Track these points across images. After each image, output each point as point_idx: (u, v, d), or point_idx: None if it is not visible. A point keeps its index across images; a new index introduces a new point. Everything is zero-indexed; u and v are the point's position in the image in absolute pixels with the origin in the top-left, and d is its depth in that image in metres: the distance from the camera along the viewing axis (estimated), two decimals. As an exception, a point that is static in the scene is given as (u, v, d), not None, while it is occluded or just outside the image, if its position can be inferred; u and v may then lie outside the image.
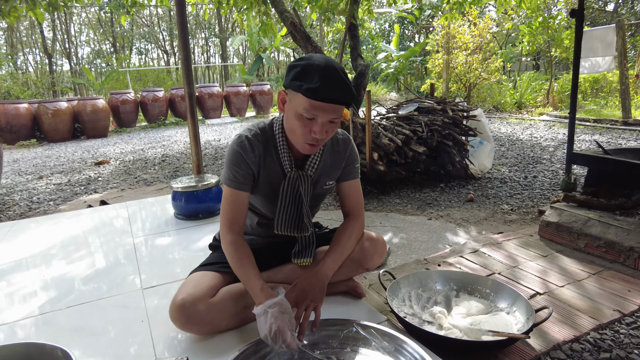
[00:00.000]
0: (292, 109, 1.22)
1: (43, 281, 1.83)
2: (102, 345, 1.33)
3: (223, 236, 1.33)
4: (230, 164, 1.32)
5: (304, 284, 1.28)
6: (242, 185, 1.33)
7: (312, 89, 1.13)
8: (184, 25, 2.67)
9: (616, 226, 1.95)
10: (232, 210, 1.33)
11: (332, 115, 1.19)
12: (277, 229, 1.40)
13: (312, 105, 1.16)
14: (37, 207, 3.82)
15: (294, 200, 1.39)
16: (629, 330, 1.44)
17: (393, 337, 1.18)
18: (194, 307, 1.27)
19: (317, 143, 1.25)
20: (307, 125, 1.20)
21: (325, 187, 1.47)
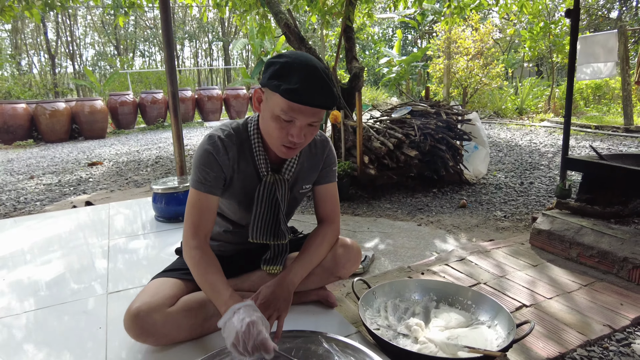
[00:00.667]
0: (268, 109, 1.12)
1: (4, 284, 1.75)
2: (50, 353, 1.24)
3: (186, 242, 1.22)
4: (200, 164, 1.21)
5: (267, 293, 1.19)
6: (212, 189, 1.22)
7: (291, 90, 1.04)
8: (168, 24, 2.61)
9: (610, 235, 1.85)
10: (198, 215, 1.22)
11: (311, 118, 1.10)
12: (252, 237, 1.31)
13: (291, 107, 1.07)
14: (23, 207, 3.75)
15: (271, 206, 1.30)
16: (619, 347, 1.34)
17: (358, 352, 1.09)
18: (149, 317, 1.18)
19: (295, 147, 1.16)
20: (284, 128, 1.11)
21: (302, 191, 1.39)
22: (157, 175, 4.88)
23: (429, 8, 14.18)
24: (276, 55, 1.14)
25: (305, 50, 4.44)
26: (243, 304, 1.05)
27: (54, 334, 1.36)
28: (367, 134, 3.44)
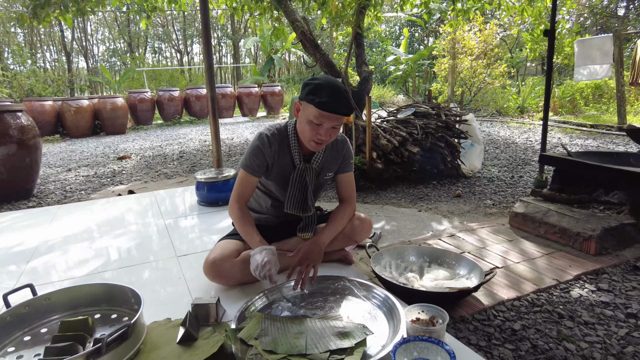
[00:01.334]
0: (304, 116, 1.62)
1: (93, 250, 2.26)
2: (150, 292, 1.74)
3: (232, 204, 1.75)
4: (251, 154, 1.72)
5: (306, 248, 1.69)
6: (255, 172, 1.73)
7: (321, 103, 1.53)
8: (207, 28, 3.07)
9: (570, 216, 2.32)
10: (243, 188, 1.75)
11: (334, 122, 1.59)
12: (287, 208, 1.80)
13: (321, 114, 1.56)
14: (71, 196, 4.27)
15: (301, 187, 1.79)
16: (560, 293, 1.82)
17: (369, 287, 1.57)
18: (222, 264, 1.67)
19: (322, 143, 1.65)
20: (315, 129, 1.60)
21: (326, 178, 1.88)
22: (184, 169, 5.38)
23: (435, 7, 14.53)
24: (311, 78, 1.64)
25: (319, 56, 4.90)
26: (267, 247, 1.59)
27: (148, 281, 1.86)
28: (375, 133, 3.91)
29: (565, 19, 10.72)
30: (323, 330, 1.31)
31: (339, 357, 1.20)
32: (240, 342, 1.26)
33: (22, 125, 4.07)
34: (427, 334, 1.26)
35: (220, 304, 1.51)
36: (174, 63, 25.96)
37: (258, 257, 1.54)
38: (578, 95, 10.06)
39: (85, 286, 1.53)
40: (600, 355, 1.45)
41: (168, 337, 1.38)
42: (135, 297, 1.43)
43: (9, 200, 4.01)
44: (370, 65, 18.44)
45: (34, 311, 1.44)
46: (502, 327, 1.60)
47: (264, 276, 1.53)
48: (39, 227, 2.71)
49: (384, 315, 1.44)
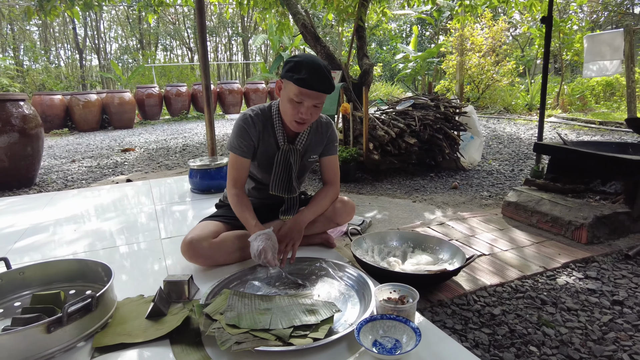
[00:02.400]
0: (285, 94, 1.59)
1: (80, 233, 2.27)
2: (129, 271, 1.74)
3: (229, 190, 1.73)
4: (237, 135, 1.70)
5: (286, 227, 1.67)
6: (245, 153, 1.70)
7: (300, 79, 1.50)
8: (202, 26, 3.09)
9: (562, 205, 2.26)
10: (236, 171, 1.72)
11: (315, 100, 1.56)
12: (271, 190, 1.78)
13: (300, 92, 1.53)
14: (72, 185, 4.31)
15: (286, 168, 1.77)
16: (546, 280, 1.77)
17: (343, 267, 1.55)
18: (199, 244, 1.66)
19: (304, 122, 1.62)
20: (296, 108, 1.57)
21: (310, 160, 1.85)
22: (186, 160, 5.41)
23: (445, 4, 14.40)
24: (293, 55, 1.62)
25: (320, 48, 4.88)
26: (263, 232, 1.55)
27: (128, 261, 1.86)
28: (373, 124, 3.88)
29: (575, 14, 10.53)
30: (290, 307, 1.30)
31: (303, 333, 1.18)
32: (205, 316, 1.25)
33: (24, 114, 4.11)
34: (396, 312, 1.24)
35: (193, 282, 1.50)
36: (184, 60, 26.13)
37: (254, 244, 1.53)
38: (588, 92, 9.88)
39: (60, 261, 1.53)
40: (580, 340, 1.40)
41: (138, 312, 1.37)
42: (106, 272, 1.43)
43: (10, 188, 4.06)
44: (379, 63, 18.37)
45: (8, 284, 1.45)
46: (481, 312, 1.56)
47: (263, 263, 1.52)
48: (33, 211, 2.74)
49: (356, 295, 1.41)
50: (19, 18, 18.23)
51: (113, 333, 1.25)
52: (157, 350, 1.18)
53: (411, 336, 1.15)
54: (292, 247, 1.62)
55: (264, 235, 1.54)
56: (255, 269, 1.60)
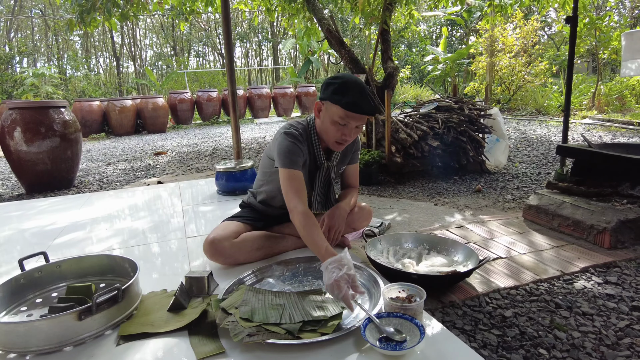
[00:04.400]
0: (328, 116, 1.63)
1: (114, 230, 2.42)
2: (154, 267, 1.85)
3: (294, 208, 1.57)
4: (290, 152, 1.64)
5: (333, 213, 1.76)
6: (299, 167, 1.66)
7: (350, 103, 1.54)
8: (228, 34, 3.21)
9: (584, 208, 2.22)
10: (297, 186, 1.62)
11: (360, 122, 1.63)
12: (313, 208, 1.83)
13: (347, 115, 1.57)
14: (107, 186, 4.54)
15: (326, 184, 1.85)
16: (563, 284, 1.76)
17: (362, 269, 1.60)
18: (221, 244, 1.75)
19: (345, 143, 1.68)
20: (340, 130, 1.63)
21: (340, 172, 1.94)
22: (215, 164, 5.58)
23: (475, 4, 14.14)
24: (333, 77, 1.64)
25: (344, 53, 4.94)
26: (334, 259, 1.34)
27: (154, 258, 1.97)
28: (395, 127, 3.90)
29: (615, 11, 10.11)
30: (301, 303, 1.36)
31: (312, 328, 1.24)
32: (221, 310, 1.33)
33: (65, 120, 4.38)
34: (403, 310, 1.27)
35: (212, 278, 1.58)
36: (217, 67, 26.81)
37: (326, 277, 1.32)
38: (628, 92, 9.47)
39: (92, 256, 1.65)
40: (592, 345, 1.39)
41: (160, 305, 1.47)
42: (132, 267, 1.54)
43: (52, 189, 4.33)
44: (407, 65, 18.23)
45: (46, 276, 1.58)
46: (492, 314, 1.57)
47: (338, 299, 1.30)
48: (71, 210, 2.92)
49: (367, 293, 1.46)
50: (62, 29, 19.27)
51: (137, 323, 1.35)
52: (176, 340, 1.26)
53: (415, 333, 1.19)
54: (339, 234, 1.71)
55: (335, 264, 1.32)
56: (271, 267, 1.67)
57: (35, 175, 4.23)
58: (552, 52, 13.78)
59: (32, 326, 1.18)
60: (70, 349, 1.22)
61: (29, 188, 4.30)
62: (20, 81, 12.49)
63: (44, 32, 21.88)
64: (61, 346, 1.21)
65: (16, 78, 13.25)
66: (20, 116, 4.12)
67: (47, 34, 21.76)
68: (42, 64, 19.46)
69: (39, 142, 4.14)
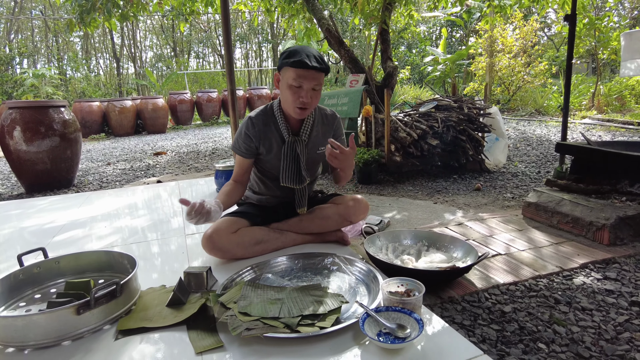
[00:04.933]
0: (284, 83, 1.69)
1: (113, 228, 2.42)
2: (153, 264, 1.85)
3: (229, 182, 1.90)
4: (237, 137, 1.84)
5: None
6: (244, 154, 1.83)
7: (297, 61, 1.60)
8: (228, 33, 3.21)
9: (583, 205, 2.22)
10: (237, 168, 1.89)
11: (313, 82, 1.65)
12: (282, 182, 1.87)
13: (298, 75, 1.62)
14: (107, 186, 4.55)
15: (293, 159, 1.86)
16: (562, 280, 1.76)
17: (354, 262, 1.60)
18: (219, 238, 1.75)
19: (305, 106, 1.70)
20: (296, 93, 1.66)
21: (319, 152, 1.93)
22: (214, 164, 5.58)
23: (475, 6, 14.16)
24: (286, 48, 1.71)
25: (344, 52, 4.95)
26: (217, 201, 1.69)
27: (153, 255, 1.97)
28: (395, 126, 3.90)
29: (614, 11, 10.13)
30: (300, 297, 1.36)
31: (310, 322, 1.24)
32: (220, 305, 1.33)
33: (64, 119, 4.38)
34: (401, 304, 1.27)
35: (211, 274, 1.58)
36: (216, 67, 26.83)
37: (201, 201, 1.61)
38: (627, 92, 9.48)
39: (90, 253, 1.65)
40: (592, 339, 1.39)
41: (159, 300, 1.47)
42: (131, 263, 1.54)
43: (52, 188, 4.33)
44: (407, 66, 18.25)
45: (45, 272, 1.58)
46: (492, 309, 1.57)
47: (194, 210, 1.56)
48: (70, 209, 2.92)
49: (365, 288, 1.46)
50: (62, 30, 19.29)
51: (136, 318, 1.35)
52: (174, 335, 1.26)
53: (414, 327, 1.19)
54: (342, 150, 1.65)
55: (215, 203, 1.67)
56: (269, 263, 1.67)
57: (34, 175, 4.24)
58: (552, 53, 13.79)
59: (30, 320, 1.18)
60: (68, 344, 1.22)
61: (29, 188, 4.30)
62: (21, 82, 12.51)
63: (44, 33, 21.92)
64: (59, 340, 1.21)
65: (16, 79, 13.27)
66: (20, 116, 4.12)
67: (47, 35, 21.79)
68: (42, 65, 19.48)
69: (38, 141, 4.14)
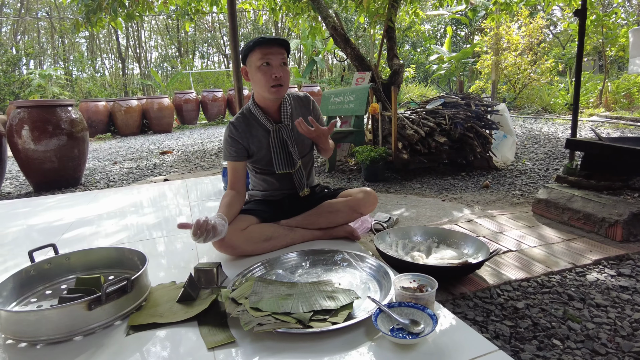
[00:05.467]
0: (252, 69, 1.75)
1: (121, 225, 2.42)
2: (162, 260, 1.85)
3: (226, 192, 1.89)
4: (225, 144, 1.89)
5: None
6: (235, 157, 1.86)
7: (257, 40, 1.68)
8: (234, 30, 3.21)
9: (595, 201, 2.20)
10: (230, 175, 1.88)
11: (279, 57, 1.71)
12: (276, 169, 1.89)
13: (263, 53, 1.68)
14: (114, 184, 4.56)
15: (282, 145, 1.88)
16: (575, 276, 1.73)
17: (364, 258, 1.58)
18: (228, 235, 1.74)
19: (279, 82, 1.74)
20: (268, 71, 1.71)
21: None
22: (221, 162, 5.58)
23: (479, 4, 14.08)
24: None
25: (349, 50, 4.93)
26: (221, 215, 1.68)
27: (163, 252, 1.97)
28: (402, 123, 3.88)
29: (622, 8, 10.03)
30: (311, 293, 1.35)
31: (322, 317, 1.23)
32: (231, 300, 1.32)
33: (72, 118, 4.40)
34: (414, 300, 1.26)
35: (221, 270, 1.58)
36: (220, 67, 26.87)
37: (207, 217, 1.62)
38: (636, 89, 9.39)
39: (100, 249, 1.65)
40: (607, 335, 1.37)
41: (169, 296, 1.46)
42: (141, 259, 1.53)
43: (59, 187, 4.35)
44: (412, 65, 18.19)
45: (55, 268, 1.58)
46: (504, 305, 1.55)
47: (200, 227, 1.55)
48: (78, 207, 2.93)
49: (377, 284, 1.44)
50: (68, 31, 19.40)
51: (146, 314, 1.35)
52: (185, 330, 1.25)
53: (428, 323, 1.18)
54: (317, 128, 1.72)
55: (219, 216, 1.66)
56: (280, 259, 1.66)
57: (42, 174, 4.26)
58: (558, 50, 13.70)
59: (42, 315, 1.18)
60: (80, 339, 1.22)
61: (37, 186, 4.33)
62: (27, 82, 12.59)
63: (50, 34, 22.06)
64: (71, 335, 1.20)
65: (23, 79, 13.35)
66: (28, 115, 4.14)
67: (53, 35, 21.93)
68: (48, 66, 19.61)
69: (46, 140, 4.16)
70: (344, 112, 4.45)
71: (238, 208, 1.85)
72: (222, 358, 1.11)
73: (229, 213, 1.77)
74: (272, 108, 1.87)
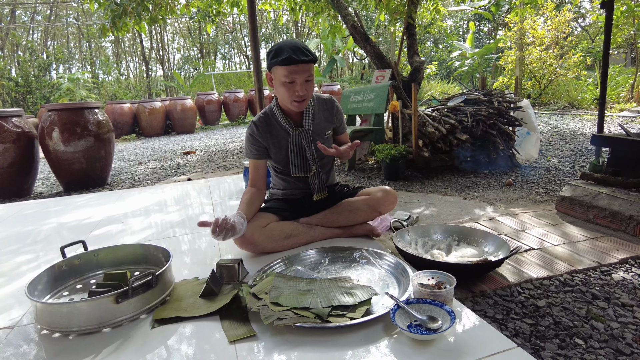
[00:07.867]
0: (277, 81, 1.74)
1: (147, 223, 2.49)
2: (187, 256, 1.90)
3: (247, 189, 1.93)
4: (246, 143, 1.92)
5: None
6: (256, 156, 1.90)
7: (285, 59, 1.64)
8: (254, 31, 3.26)
9: (622, 199, 2.14)
10: (252, 173, 1.93)
11: (305, 74, 1.69)
12: (292, 172, 1.91)
13: (289, 71, 1.66)
14: (139, 184, 4.69)
15: (299, 150, 1.90)
16: (600, 275, 1.70)
17: (382, 255, 1.59)
18: (250, 232, 1.78)
19: (302, 99, 1.75)
20: (291, 88, 1.71)
21: (325, 137, 1.98)
22: (242, 162, 5.67)
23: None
24: (272, 46, 1.74)
25: (369, 48, 4.92)
26: (240, 213, 1.72)
27: (186, 249, 2.03)
28: (422, 121, 3.85)
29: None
30: (330, 289, 1.37)
31: (341, 313, 1.24)
32: (252, 295, 1.36)
33: (98, 120, 4.55)
34: (432, 297, 1.26)
35: (242, 266, 1.61)
36: (242, 68, 27.17)
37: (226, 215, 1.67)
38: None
39: (127, 246, 1.71)
40: (633, 335, 1.34)
41: (192, 291, 1.51)
42: (165, 256, 1.59)
43: (87, 187, 4.51)
44: (434, 61, 17.97)
45: (85, 264, 1.65)
46: (525, 304, 1.54)
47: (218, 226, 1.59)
48: (105, 205, 3.04)
49: (395, 280, 1.45)
50: (95, 36, 19.98)
51: (171, 308, 1.39)
52: (208, 324, 1.29)
53: (445, 319, 1.18)
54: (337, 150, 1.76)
55: (238, 214, 1.70)
56: (299, 256, 1.69)
57: (71, 174, 4.42)
58: (586, 44, 13.28)
59: (74, 307, 1.24)
60: (108, 330, 1.27)
61: (67, 186, 4.49)
62: (57, 86, 13.05)
63: (78, 39, 22.78)
64: (100, 327, 1.26)
65: (53, 83, 13.85)
66: (58, 117, 4.31)
67: (80, 40, 22.64)
68: (76, 70, 20.27)
69: (75, 142, 4.32)
70: (363, 111, 4.45)
71: (258, 205, 1.89)
72: (243, 351, 1.14)
73: (248, 210, 1.81)
74: (294, 112, 1.89)
